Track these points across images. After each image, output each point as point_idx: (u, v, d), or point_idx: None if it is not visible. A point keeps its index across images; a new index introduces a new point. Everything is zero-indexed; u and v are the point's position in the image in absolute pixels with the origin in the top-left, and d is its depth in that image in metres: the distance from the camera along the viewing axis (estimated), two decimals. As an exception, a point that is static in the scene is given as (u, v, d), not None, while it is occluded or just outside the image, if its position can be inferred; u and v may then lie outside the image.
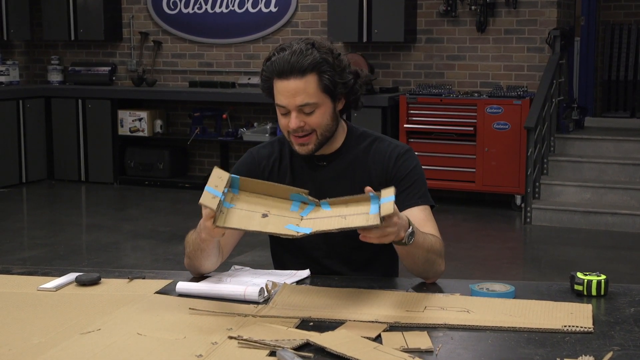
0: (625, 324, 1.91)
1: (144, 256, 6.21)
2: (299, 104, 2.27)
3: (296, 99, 2.26)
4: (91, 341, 1.79)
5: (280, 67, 2.26)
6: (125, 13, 9.27)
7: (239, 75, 8.85)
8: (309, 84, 2.25)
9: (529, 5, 7.74)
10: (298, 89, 2.25)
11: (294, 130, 2.30)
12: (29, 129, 8.86)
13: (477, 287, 2.11)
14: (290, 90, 2.26)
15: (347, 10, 7.90)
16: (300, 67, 2.24)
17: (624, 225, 6.83)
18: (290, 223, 1.97)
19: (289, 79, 2.25)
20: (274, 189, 2.06)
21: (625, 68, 9.64)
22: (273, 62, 2.29)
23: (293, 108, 2.28)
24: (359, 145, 2.43)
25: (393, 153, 2.40)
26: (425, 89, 7.83)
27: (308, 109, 2.28)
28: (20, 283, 2.26)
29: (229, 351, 1.73)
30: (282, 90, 2.27)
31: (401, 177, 2.36)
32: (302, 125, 2.29)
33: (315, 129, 2.31)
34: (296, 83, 2.25)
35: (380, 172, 2.39)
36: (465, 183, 7.60)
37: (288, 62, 2.25)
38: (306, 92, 2.26)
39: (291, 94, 2.26)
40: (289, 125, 2.29)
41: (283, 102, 2.29)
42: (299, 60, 2.24)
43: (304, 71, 2.24)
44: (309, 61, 2.24)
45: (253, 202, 2.02)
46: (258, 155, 2.48)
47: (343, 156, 2.42)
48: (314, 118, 2.29)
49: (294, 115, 2.28)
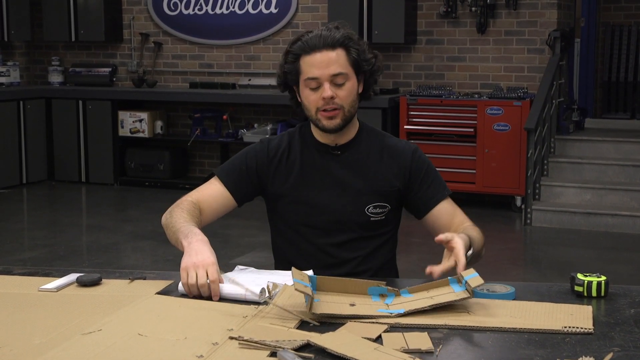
0: (625, 325, 1.91)
1: (145, 257, 6.21)
2: (332, 73, 2.36)
3: (330, 68, 2.36)
4: (92, 342, 1.79)
5: (312, 43, 2.37)
6: (125, 14, 9.28)
7: (239, 76, 8.86)
8: (340, 55, 2.37)
9: (529, 7, 7.74)
10: (331, 59, 2.36)
11: (326, 102, 2.37)
12: (29, 130, 8.87)
13: (477, 288, 2.11)
14: (324, 60, 2.36)
15: (348, 12, 7.90)
16: (332, 40, 2.37)
17: (624, 226, 6.84)
18: (381, 308, 1.99)
19: (322, 51, 2.36)
20: (351, 285, 2.09)
21: (626, 69, 9.64)
22: (303, 41, 2.40)
23: (326, 78, 2.36)
24: (370, 138, 2.52)
25: (406, 149, 2.53)
26: (426, 90, 7.84)
27: (340, 79, 2.37)
28: (21, 284, 2.26)
29: (229, 352, 1.73)
30: (315, 62, 2.36)
31: (422, 173, 2.51)
32: (334, 97, 2.37)
33: (344, 104, 2.39)
34: (329, 54, 2.36)
35: (399, 168, 2.49)
36: (465, 184, 7.60)
37: (319, 36, 2.38)
38: (338, 62, 2.37)
39: (325, 64, 2.36)
40: (323, 95, 2.36)
41: (316, 74, 2.37)
42: (330, 35, 2.38)
43: (334, 44, 2.37)
44: (339, 35, 2.38)
45: (335, 298, 2.05)
46: (269, 145, 2.54)
47: (357, 147, 2.50)
48: (344, 91, 2.38)
49: (327, 86, 2.36)
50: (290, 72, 2.42)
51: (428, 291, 2.05)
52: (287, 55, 2.43)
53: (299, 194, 2.47)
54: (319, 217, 2.45)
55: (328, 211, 2.45)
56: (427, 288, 2.07)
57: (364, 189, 2.45)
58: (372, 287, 2.08)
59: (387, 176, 2.47)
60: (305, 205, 2.46)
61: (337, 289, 2.07)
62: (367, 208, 2.45)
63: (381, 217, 2.46)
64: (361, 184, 2.46)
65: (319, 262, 2.44)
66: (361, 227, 2.46)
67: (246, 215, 7.01)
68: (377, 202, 2.45)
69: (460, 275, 2.03)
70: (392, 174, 2.48)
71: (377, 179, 2.46)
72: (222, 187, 2.50)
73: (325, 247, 2.46)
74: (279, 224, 2.54)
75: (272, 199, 2.53)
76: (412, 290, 2.07)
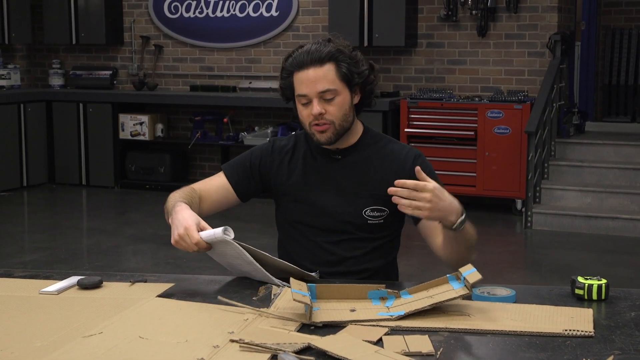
0: (625, 328, 1.91)
1: (145, 260, 6.21)
2: (320, 90, 2.39)
3: (317, 85, 2.39)
4: (93, 344, 1.80)
5: (300, 59, 2.40)
6: (126, 17, 9.29)
7: (240, 79, 8.86)
8: (329, 72, 2.39)
9: (530, 10, 7.75)
10: (318, 76, 2.39)
11: (315, 118, 2.40)
12: (30, 133, 8.87)
13: (478, 291, 2.11)
14: (310, 78, 2.39)
15: (348, 15, 7.91)
16: (318, 56, 2.39)
17: (624, 229, 6.84)
18: (381, 311, 2.00)
19: (309, 69, 2.39)
20: (352, 290, 2.10)
21: (626, 73, 9.64)
22: (293, 57, 2.43)
23: (314, 95, 2.40)
24: (374, 144, 2.54)
25: (409, 155, 2.54)
26: (426, 93, 7.84)
27: (329, 94, 2.40)
28: (22, 286, 2.26)
29: (230, 354, 1.73)
30: (303, 80, 2.40)
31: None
32: (324, 113, 2.39)
33: (334, 120, 2.42)
34: (316, 71, 2.39)
35: (397, 171, 2.48)
36: (466, 187, 7.59)
37: (307, 53, 2.40)
38: (326, 78, 2.39)
39: (312, 82, 2.39)
40: (312, 112, 2.40)
41: (304, 91, 2.40)
42: (318, 50, 2.40)
43: (322, 60, 2.39)
44: (327, 50, 2.40)
45: (335, 305, 2.05)
46: (274, 145, 2.61)
47: (358, 151, 2.53)
48: (334, 107, 2.41)
49: (315, 102, 2.40)
50: (285, 87, 2.48)
51: (427, 290, 2.06)
52: (282, 71, 2.49)
53: (300, 193, 2.53)
54: (318, 217, 2.50)
55: (326, 212, 2.49)
56: (427, 287, 2.07)
57: (362, 193, 2.48)
58: (372, 291, 2.08)
59: (386, 181, 2.46)
60: (305, 205, 2.52)
61: (337, 296, 2.08)
62: (365, 211, 2.47)
63: (379, 221, 2.47)
64: (359, 188, 2.48)
65: (318, 259, 2.49)
66: (358, 229, 2.48)
67: (246, 218, 7.03)
68: (375, 205, 2.46)
69: (459, 272, 2.04)
70: (391, 179, 2.46)
71: (375, 183, 2.48)
72: (225, 181, 2.60)
73: (324, 245, 2.50)
74: (282, 220, 2.61)
75: (276, 195, 2.60)
76: (412, 291, 2.08)
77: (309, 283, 2.07)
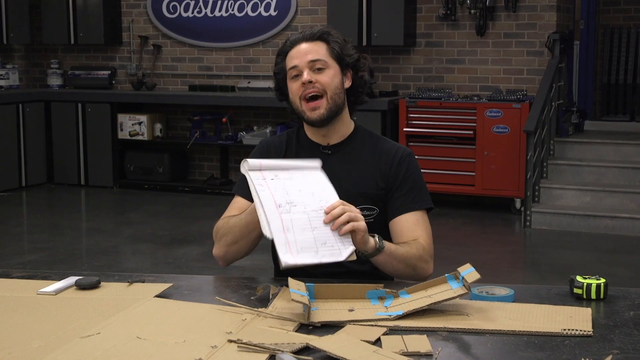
0: (624, 327, 1.91)
1: (144, 260, 6.21)
2: (310, 59, 2.44)
3: (307, 56, 2.45)
4: (91, 345, 1.79)
5: (293, 39, 2.50)
6: (125, 17, 9.29)
7: (238, 79, 8.86)
8: (319, 47, 2.47)
9: (529, 9, 7.74)
10: (309, 49, 2.46)
11: (306, 87, 2.43)
12: (28, 133, 8.87)
13: (476, 291, 2.11)
14: (301, 50, 2.46)
15: (347, 14, 7.91)
16: (310, 34, 2.49)
17: (623, 228, 6.84)
18: (379, 311, 2.00)
19: (301, 44, 2.47)
20: (350, 290, 2.09)
21: (625, 71, 9.65)
22: (288, 40, 2.53)
23: (305, 65, 2.44)
24: (365, 141, 2.54)
25: (397, 154, 2.51)
26: (425, 92, 7.84)
27: (319, 64, 2.44)
28: (20, 287, 2.26)
29: (228, 355, 1.73)
30: (294, 54, 2.47)
31: (401, 178, 2.48)
32: (314, 82, 2.43)
33: (326, 89, 2.44)
34: (307, 45, 2.47)
35: (383, 169, 2.48)
36: (464, 187, 7.60)
37: (300, 34, 2.51)
38: (317, 51, 2.46)
39: (303, 54, 2.45)
40: (302, 80, 2.43)
41: (295, 62, 2.45)
42: (310, 31, 2.50)
43: (313, 36, 2.48)
44: (318, 29, 2.50)
45: (334, 305, 2.05)
46: (267, 144, 2.62)
47: (348, 147, 2.53)
48: (324, 76, 2.45)
49: (306, 72, 2.44)
50: (279, 72, 2.52)
51: (426, 290, 2.06)
52: (276, 57, 2.55)
53: None
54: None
55: None
56: (425, 287, 2.07)
57: (352, 191, 2.44)
58: (370, 291, 2.08)
59: (374, 179, 2.48)
60: None
61: (335, 296, 2.08)
62: None
63: (370, 220, 2.42)
64: (349, 186, 2.45)
65: (311, 268, 2.43)
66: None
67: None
68: (365, 204, 2.44)
69: (458, 272, 2.04)
70: (378, 177, 2.49)
71: (364, 181, 2.47)
72: (242, 200, 2.53)
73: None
74: None
75: None
76: (411, 291, 2.08)
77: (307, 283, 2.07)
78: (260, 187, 2.16)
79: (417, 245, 2.38)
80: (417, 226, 2.44)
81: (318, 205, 2.16)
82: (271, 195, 2.14)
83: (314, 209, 2.15)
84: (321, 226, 2.13)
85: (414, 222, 2.44)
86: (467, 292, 1.98)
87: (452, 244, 6.56)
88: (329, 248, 2.11)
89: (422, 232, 2.43)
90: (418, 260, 2.36)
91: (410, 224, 2.43)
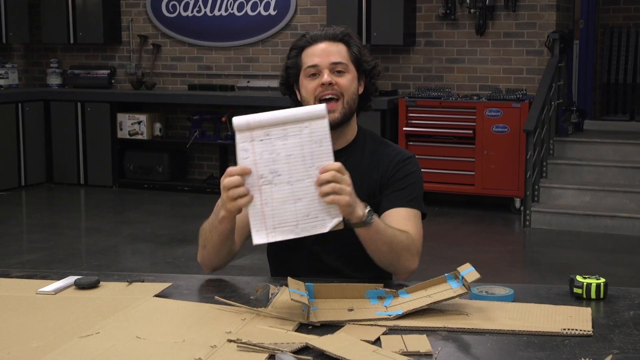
0: (624, 327, 1.91)
1: (143, 259, 6.20)
2: (333, 61, 2.38)
3: (330, 57, 2.39)
4: (90, 345, 1.79)
5: (314, 36, 2.43)
6: (124, 16, 9.28)
7: (238, 78, 8.86)
8: (340, 49, 2.41)
9: (528, 9, 7.74)
10: (331, 49, 2.40)
11: (324, 88, 2.36)
12: (28, 132, 8.86)
13: (476, 290, 2.10)
14: (324, 49, 2.40)
15: (346, 13, 7.90)
16: (333, 33, 2.42)
17: (623, 228, 6.84)
18: (379, 311, 1.99)
19: (324, 42, 2.41)
20: (349, 289, 2.08)
21: (624, 71, 9.65)
22: (307, 35, 2.45)
23: (326, 65, 2.38)
24: (366, 146, 2.49)
25: (396, 158, 2.45)
26: (425, 92, 7.84)
27: (340, 67, 2.39)
28: (19, 286, 2.26)
29: (228, 354, 1.72)
30: (316, 52, 2.40)
31: (397, 179, 2.42)
32: (333, 84, 2.37)
33: (344, 92, 2.38)
34: (329, 45, 2.41)
35: (382, 174, 2.43)
36: (464, 186, 7.60)
37: (322, 30, 2.44)
38: (339, 53, 2.40)
39: (325, 53, 2.39)
40: (321, 81, 2.36)
41: (316, 61, 2.39)
42: (333, 30, 2.43)
43: (336, 37, 2.42)
44: (340, 31, 2.44)
45: (333, 304, 2.04)
46: None
47: (352, 155, 2.46)
48: (344, 80, 2.39)
49: (326, 72, 2.37)
50: (292, 66, 2.44)
51: (426, 290, 2.05)
52: (290, 51, 2.46)
53: None
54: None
55: None
56: (425, 287, 2.07)
57: None
58: (370, 291, 2.08)
59: (372, 186, 2.42)
60: None
61: (335, 295, 2.07)
62: None
63: None
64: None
65: (308, 265, 2.42)
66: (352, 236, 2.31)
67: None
68: None
69: (457, 271, 2.03)
70: (376, 183, 2.43)
71: (365, 188, 2.40)
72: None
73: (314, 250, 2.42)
74: None
75: None
76: (410, 290, 2.07)
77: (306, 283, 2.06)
78: (243, 155, 2.02)
79: (407, 235, 2.29)
80: (408, 221, 2.35)
81: (306, 173, 2.02)
82: (254, 163, 2.02)
83: (299, 178, 2.02)
84: (306, 196, 2.02)
85: (405, 217, 2.36)
86: (466, 291, 1.98)
87: (452, 244, 6.56)
88: (312, 220, 2.04)
89: (411, 227, 2.34)
90: (404, 249, 2.26)
91: (400, 217, 2.35)
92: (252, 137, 2.03)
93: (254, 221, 2.02)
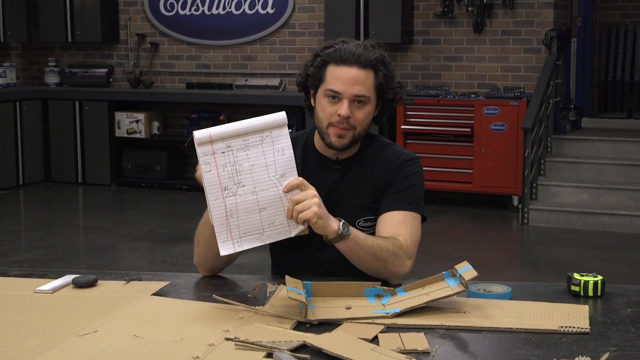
0: (621, 324, 1.91)
1: (141, 258, 6.20)
2: (356, 93, 2.30)
3: (355, 87, 2.29)
4: (88, 343, 1.79)
5: (345, 55, 2.30)
6: (122, 15, 9.27)
7: (236, 76, 8.85)
8: (368, 78, 2.31)
9: (526, 7, 7.74)
10: (359, 78, 2.29)
11: (341, 119, 2.30)
12: (26, 131, 8.86)
13: (474, 288, 2.11)
14: (351, 76, 2.29)
15: (344, 12, 7.90)
16: (366, 59, 2.30)
17: (621, 226, 6.84)
18: (376, 309, 1.99)
19: (352, 67, 2.29)
20: (347, 288, 2.08)
21: (622, 69, 9.64)
22: (336, 49, 2.32)
23: (349, 96, 2.30)
24: (372, 151, 2.45)
25: (399, 159, 2.42)
26: (422, 90, 7.84)
27: (362, 99, 2.31)
28: (16, 285, 2.26)
29: (225, 353, 1.73)
30: (342, 76, 2.29)
31: (398, 180, 2.39)
32: (350, 117, 2.30)
33: (357, 126, 2.33)
34: (358, 72, 2.30)
35: (384, 178, 2.40)
36: (462, 184, 7.60)
37: (354, 52, 2.30)
38: (365, 84, 2.30)
39: (351, 82, 2.29)
40: (339, 112, 2.29)
41: (339, 88, 2.29)
42: (365, 54, 2.31)
43: (366, 64, 2.30)
44: (374, 57, 2.32)
45: (331, 302, 2.04)
46: None
47: (357, 163, 2.43)
48: (361, 114, 2.32)
49: (346, 104, 2.29)
50: (314, 76, 2.35)
51: (423, 288, 2.06)
52: (315, 58, 2.36)
53: None
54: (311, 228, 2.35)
55: None
56: (422, 285, 2.07)
57: (357, 204, 2.39)
58: (368, 289, 2.08)
59: (376, 191, 2.40)
60: None
61: (332, 293, 2.07)
62: (358, 222, 2.39)
63: (370, 232, 2.36)
64: (354, 199, 2.40)
65: (310, 271, 2.41)
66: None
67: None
68: (367, 215, 2.39)
69: (455, 269, 2.03)
70: (379, 187, 2.40)
71: (368, 192, 2.40)
72: None
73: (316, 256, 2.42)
74: None
75: None
76: (408, 288, 2.07)
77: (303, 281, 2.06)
78: (206, 168, 2.06)
79: (394, 242, 2.25)
80: (402, 225, 2.32)
81: (270, 182, 2.04)
82: (217, 176, 2.06)
83: (264, 188, 2.04)
84: (271, 205, 2.05)
85: (399, 221, 2.32)
86: (464, 289, 1.98)
87: (450, 242, 6.56)
88: (278, 227, 2.06)
89: (405, 231, 2.31)
90: (391, 255, 2.22)
91: (394, 221, 2.32)
92: (214, 150, 2.07)
93: (219, 233, 2.05)
